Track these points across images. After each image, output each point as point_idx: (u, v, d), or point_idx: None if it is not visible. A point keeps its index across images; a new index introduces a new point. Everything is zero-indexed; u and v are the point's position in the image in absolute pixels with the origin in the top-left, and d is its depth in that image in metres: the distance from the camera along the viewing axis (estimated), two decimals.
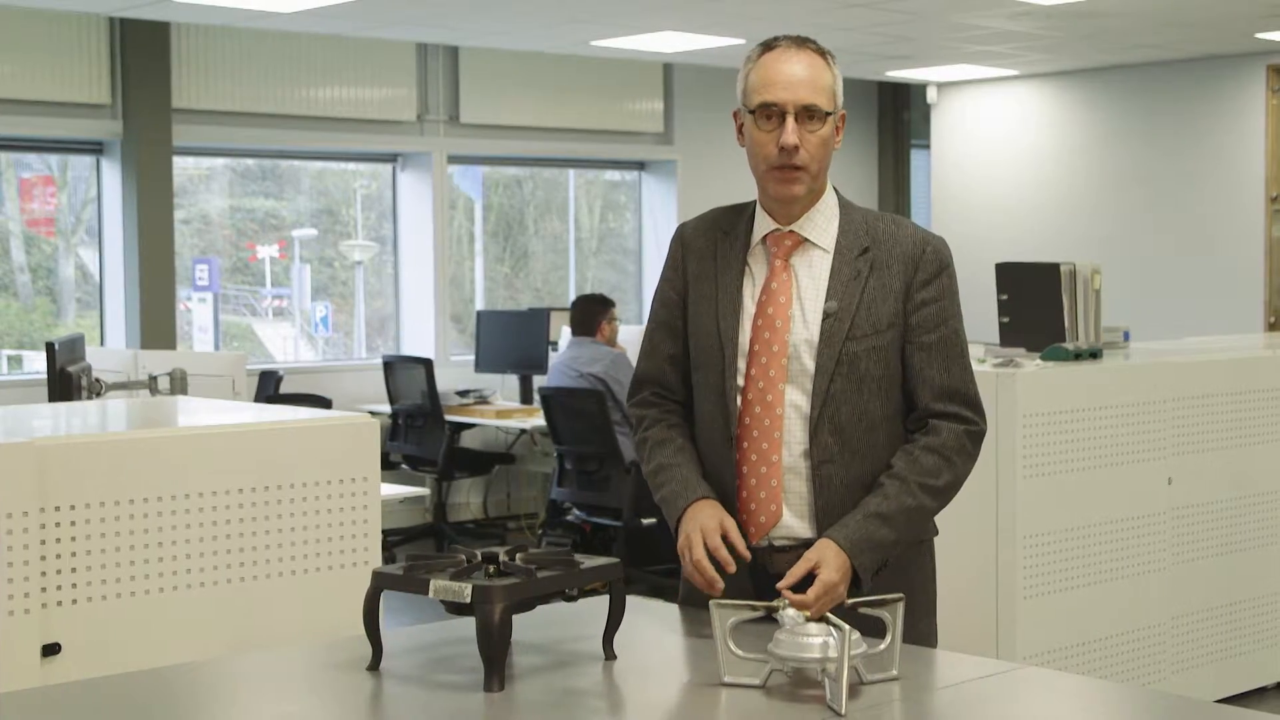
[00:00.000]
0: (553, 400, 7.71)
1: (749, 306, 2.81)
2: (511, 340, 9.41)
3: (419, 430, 8.97)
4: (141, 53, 8.70)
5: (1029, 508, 4.90)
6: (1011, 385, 4.87)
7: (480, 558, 2.42)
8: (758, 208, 2.86)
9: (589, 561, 2.45)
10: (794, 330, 2.78)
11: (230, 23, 8.68)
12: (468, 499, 9.96)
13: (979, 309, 5.62)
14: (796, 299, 2.79)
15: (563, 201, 11.28)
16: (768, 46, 2.80)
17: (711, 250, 2.87)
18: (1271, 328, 9.69)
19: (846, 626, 2.18)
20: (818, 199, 2.83)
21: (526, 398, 9.25)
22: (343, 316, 10.42)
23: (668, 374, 2.93)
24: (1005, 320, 5.64)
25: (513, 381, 9.55)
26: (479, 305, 10.66)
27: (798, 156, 2.73)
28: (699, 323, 2.86)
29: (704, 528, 2.72)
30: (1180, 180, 10.16)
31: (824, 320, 2.77)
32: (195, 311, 9.74)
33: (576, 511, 7.89)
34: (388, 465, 9.16)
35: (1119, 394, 5.17)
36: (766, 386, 2.77)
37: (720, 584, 2.67)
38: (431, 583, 2.33)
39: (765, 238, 2.84)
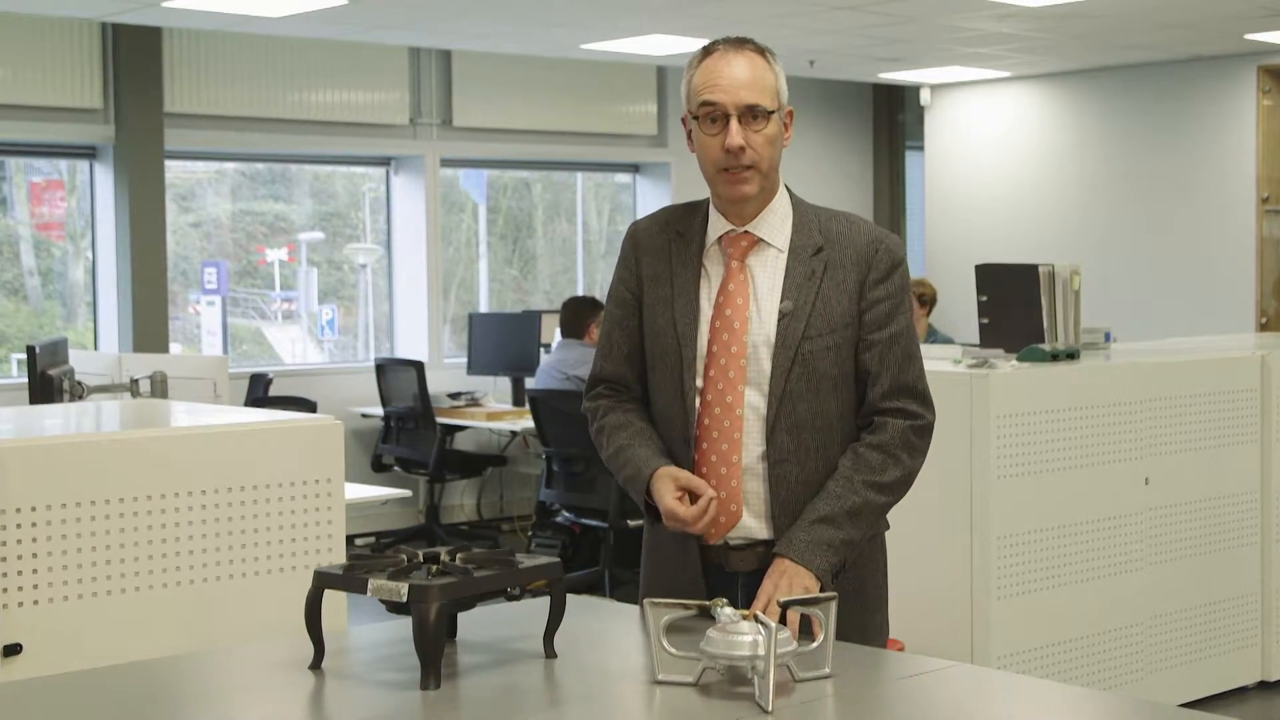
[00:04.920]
0: (540, 402, 7.74)
1: (706, 308, 2.83)
2: (504, 343, 9.44)
3: (411, 432, 9.01)
4: (133, 57, 8.74)
5: (1003, 508, 4.92)
6: (985, 386, 4.89)
7: (421, 557, 2.45)
8: (711, 208, 2.87)
9: (529, 561, 2.48)
10: (751, 331, 2.79)
11: (220, 28, 8.72)
12: (461, 501, 10.00)
13: (973, 309, 5.65)
14: (753, 300, 2.81)
15: (570, 204, 11.32)
16: (707, 51, 2.81)
17: (666, 251, 2.88)
18: (1263, 328, 9.69)
19: (774, 625, 2.21)
20: (770, 198, 2.84)
21: (518, 400, 9.28)
22: (350, 319, 10.46)
23: (624, 374, 2.94)
24: (985, 321, 5.66)
25: (505, 384, 9.58)
26: (483, 308, 10.70)
27: (745, 156, 2.75)
28: (656, 325, 2.87)
29: (664, 502, 2.73)
30: (1172, 181, 10.17)
31: (780, 320, 2.78)
32: (204, 315, 9.78)
33: (565, 513, 7.92)
34: (380, 467, 9.21)
35: (1095, 395, 5.18)
36: (726, 388, 2.79)
37: (711, 518, 2.71)
38: (370, 582, 2.35)
39: (720, 239, 2.86)
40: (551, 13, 8.27)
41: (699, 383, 2.81)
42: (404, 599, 2.31)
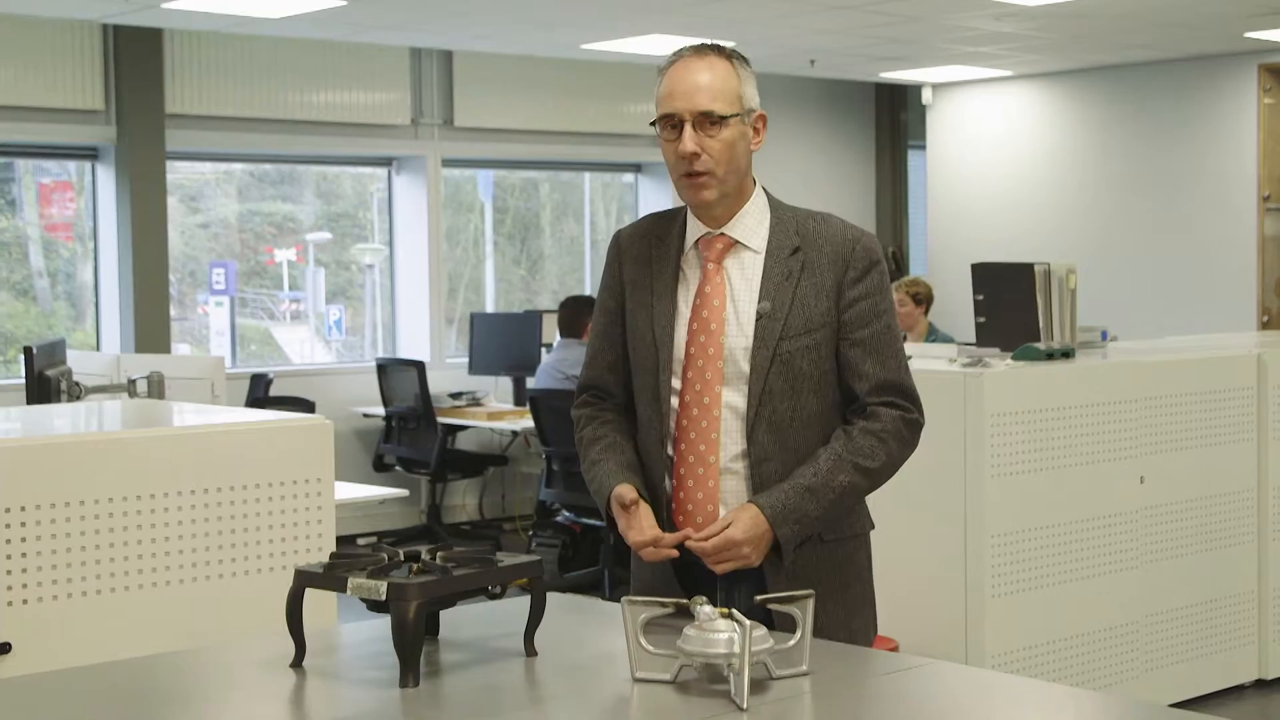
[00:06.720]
0: (540, 402, 7.76)
1: (684, 311, 2.85)
2: (505, 342, 9.46)
3: (412, 432, 9.03)
4: (134, 59, 8.77)
5: (997, 507, 4.92)
6: (979, 385, 4.89)
7: (402, 555, 2.46)
8: (688, 212, 2.90)
9: (508, 559, 2.49)
10: (729, 333, 2.81)
11: (221, 29, 8.74)
12: (463, 500, 10.02)
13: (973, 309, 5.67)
14: (730, 301, 2.82)
15: (578, 203, 11.33)
16: (673, 58, 2.84)
17: (646, 257, 2.91)
18: (1265, 326, 9.68)
19: (748, 622, 2.22)
20: (743, 201, 2.85)
21: (520, 400, 9.29)
22: (358, 319, 10.49)
23: (607, 381, 2.97)
24: (981, 320, 5.67)
25: (506, 384, 9.60)
26: (490, 308, 10.72)
27: (699, 162, 2.76)
28: (636, 330, 2.90)
29: (619, 521, 2.80)
30: (1173, 180, 10.16)
31: (758, 321, 2.80)
32: (212, 315, 9.81)
33: (566, 513, 7.93)
34: (382, 467, 9.23)
35: (1090, 393, 5.19)
36: (703, 389, 2.81)
37: (660, 546, 2.74)
38: (349, 580, 2.37)
39: (697, 241, 2.87)
40: (551, 13, 8.28)
41: (677, 385, 2.83)
42: (383, 597, 2.32)
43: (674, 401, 2.83)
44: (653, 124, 2.84)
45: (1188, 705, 5.37)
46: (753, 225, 2.86)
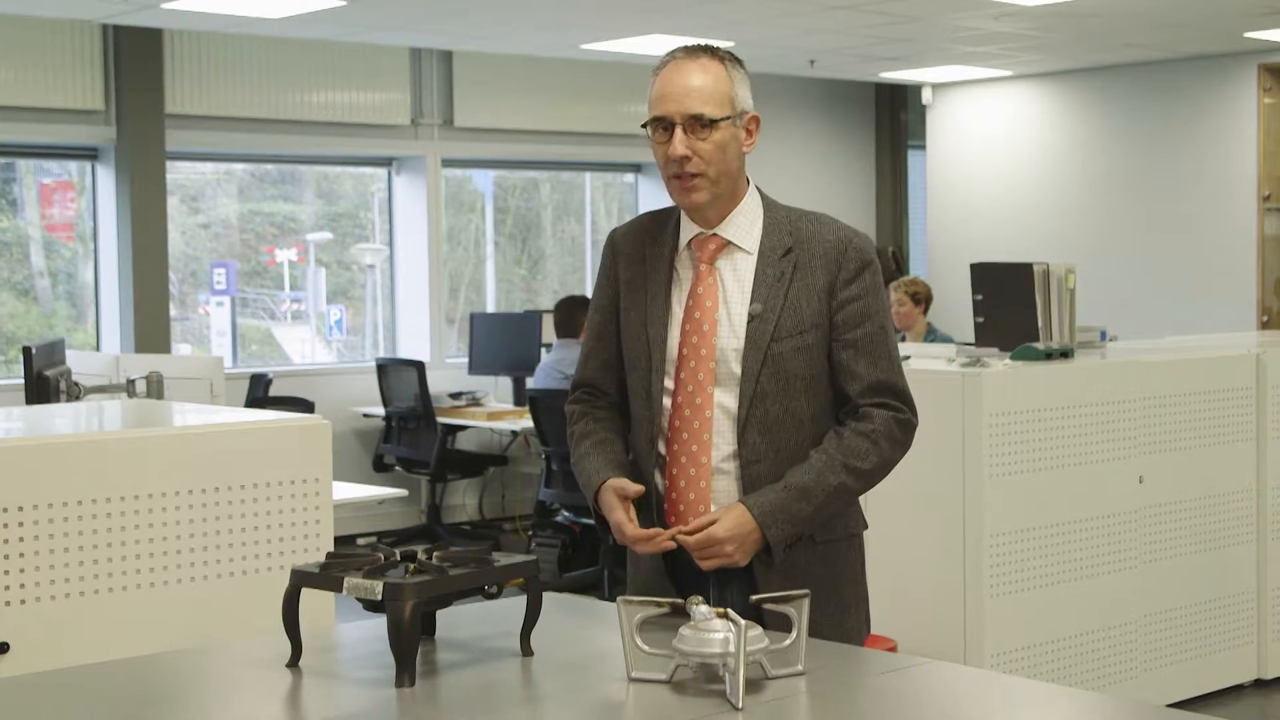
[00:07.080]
0: (539, 402, 7.76)
1: (677, 312, 2.85)
2: (505, 342, 9.46)
3: (412, 432, 9.03)
4: (134, 59, 8.77)
5: (996, 507, 4.92)
6: (977, 385, 4.89)
7: (399, 555, 2.46)
8: (681, 213, 2.90)
9: (504, 559, 2.49)
10: (720, 334, 2.81)
11: (221, 29, 8.74)
12: (463, 500, 10.02)
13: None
14: (723, 303, 2.83)
15: (579, 203, 11.34)
16: (666, 60, 2.84)
17: (641, 256, 2.91)
18: (1265, 326, 9.68)
19: (743, 622, 2.22)
20: (736, 202, 2.85)
21: (520, 400, 9.30)
22: (359, 319, 10.49)
23: (601, 379, 2.98)
24: (980, 320, 5.67)
25: (506, 384, 9.60)
26: (491, 308, 10.72)
27: (689, 165, 2.77)
28: (629, 329, 2.90)
29: (612, 516, 2.78)
30: (1173, 180, 10.16)
31: (749, 322, 2.80)
32: (213, 315, 9.81)
33: (565, 513, 7.94)
34: (382, 467, 9.23)
35: (1088, 393, 5.19)
36: (695, 390, 2.81)
37: (658, 539, 2.73)
38: (345, 580, 2.37)
39: (690, 242, 2.88)
40: (551, 13, 8.28)
41: (669, 385, 2.84)
42: (379, 597, 2.32)
43: (666, 401, 2.84)
44: (644, 125, 2.84)
45: (1186, 705, 5.37)
46: (745, 226, 2.86)
